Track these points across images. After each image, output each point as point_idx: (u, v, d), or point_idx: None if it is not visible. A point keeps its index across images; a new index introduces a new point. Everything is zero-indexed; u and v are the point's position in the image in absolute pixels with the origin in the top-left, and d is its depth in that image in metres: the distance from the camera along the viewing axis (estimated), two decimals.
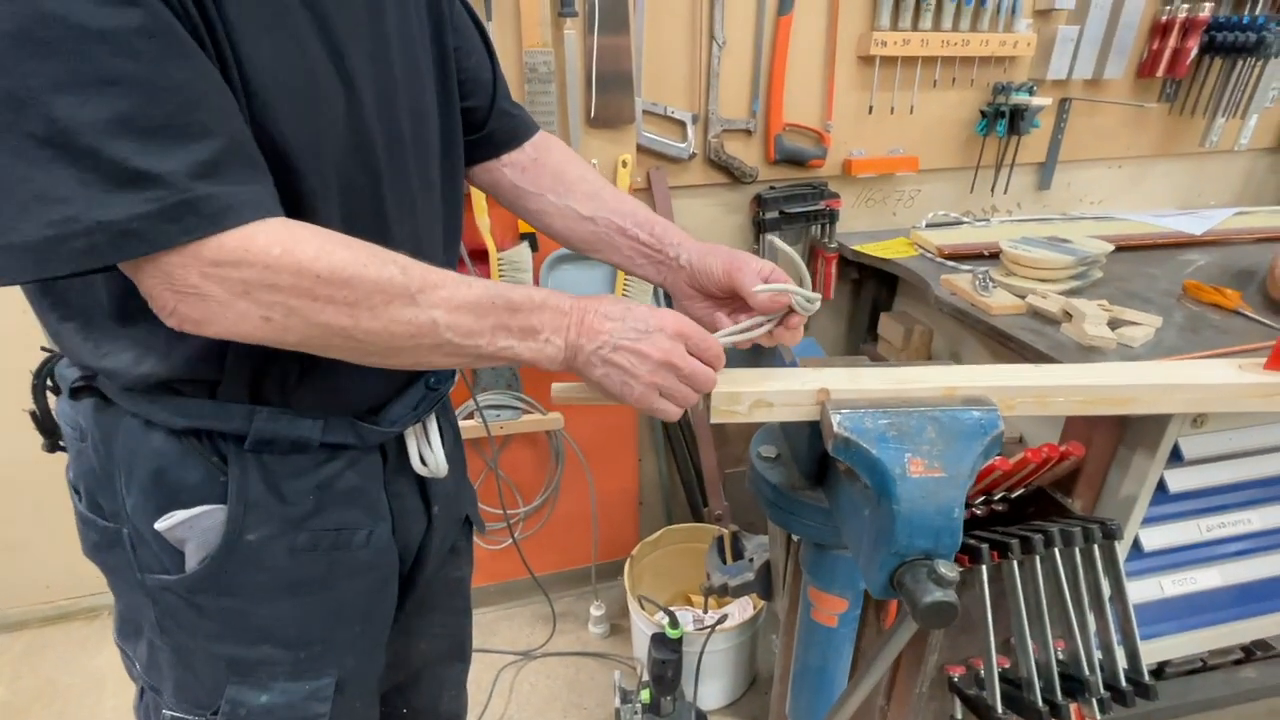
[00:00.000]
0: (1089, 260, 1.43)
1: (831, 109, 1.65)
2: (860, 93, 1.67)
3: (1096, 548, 0.89)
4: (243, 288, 0.49)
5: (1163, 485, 0.95)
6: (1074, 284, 1.42)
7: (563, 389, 0.70)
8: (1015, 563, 0.86)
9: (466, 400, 1.59)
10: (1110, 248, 1.48)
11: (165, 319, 0.51)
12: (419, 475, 0.77)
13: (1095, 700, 0.86)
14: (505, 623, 1.96)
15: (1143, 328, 1.21)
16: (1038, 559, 0.86)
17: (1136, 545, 1.00)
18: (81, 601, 1.95)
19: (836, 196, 1.72)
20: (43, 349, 0.70)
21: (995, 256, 1.55)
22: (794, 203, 1.69)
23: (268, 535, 0.65)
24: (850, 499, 0.66)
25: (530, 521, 1.87)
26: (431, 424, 0.77)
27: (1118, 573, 0.89)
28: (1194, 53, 1.78)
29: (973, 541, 0.86)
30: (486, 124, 0.81)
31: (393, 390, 0.73)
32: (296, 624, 0.70)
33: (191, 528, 0.64)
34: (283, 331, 0.52)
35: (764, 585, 1.10)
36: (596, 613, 1.88)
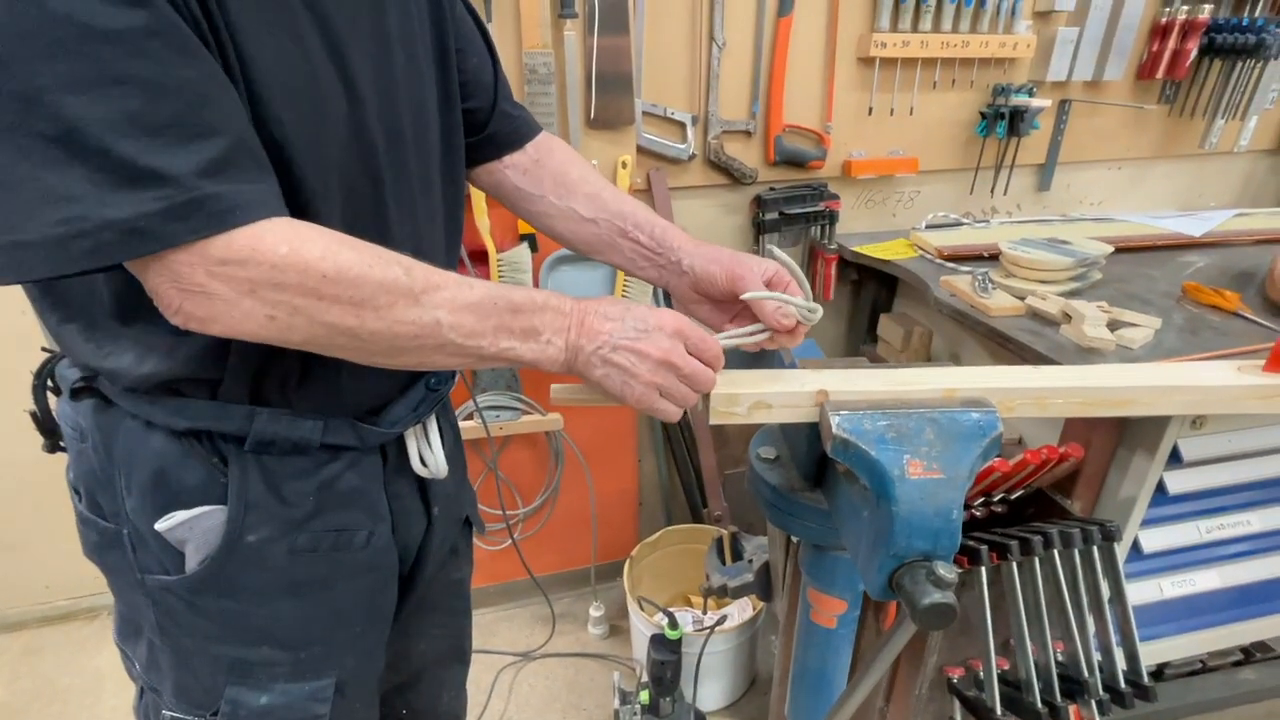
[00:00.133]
0: (1088, 262, 1.44)
1: (831, 110, 1.65)
2: (860, 94, 1.67)
3: (1096, 549, 0.89)
4: (248, 286, 0.49)
5: (1162, 487, 0.95)
6: (1073, 285, 1.42)
7: (562, 390, 0.70)
8: (1014, 564, 0.86)
9: (466, 401, 1.59)
10: (1110, 249, 1.49)
11: (170, 317, 0.51)
12: (419, 476, 0.77)
13: (1094, 702, 0.87)
14: (505, 623, 1.96)
15: (1142, 329, 1.21)
16: (1037, 560, 0.86)
17: (1136, 547, 1.00)
18: (81, 601, 1.95)
19: (836, 198, 1.72)
20: (44, 349, 0.70)
21: (995, 258, 1.55)
22: (794, 204, 1.69)
23: (268, 536, 0.66)
24: (849, 500, 0.66)
25: (530, 522, 1.87)
26: (432, 425, 0.77)
27: (1117, 574, 0.89)
28: (1194, 54, 1.78)
29: (972, 543, 0.86)
30: (488, 125, 0.81)
31: (393, 391, 0.73)
32: (296, 625, 0.70)
33: (191, 528, 0.64)
34: (287, 330, 0.52)
35: (763, 586, 1.10)
36: (596, 614, 1.89)
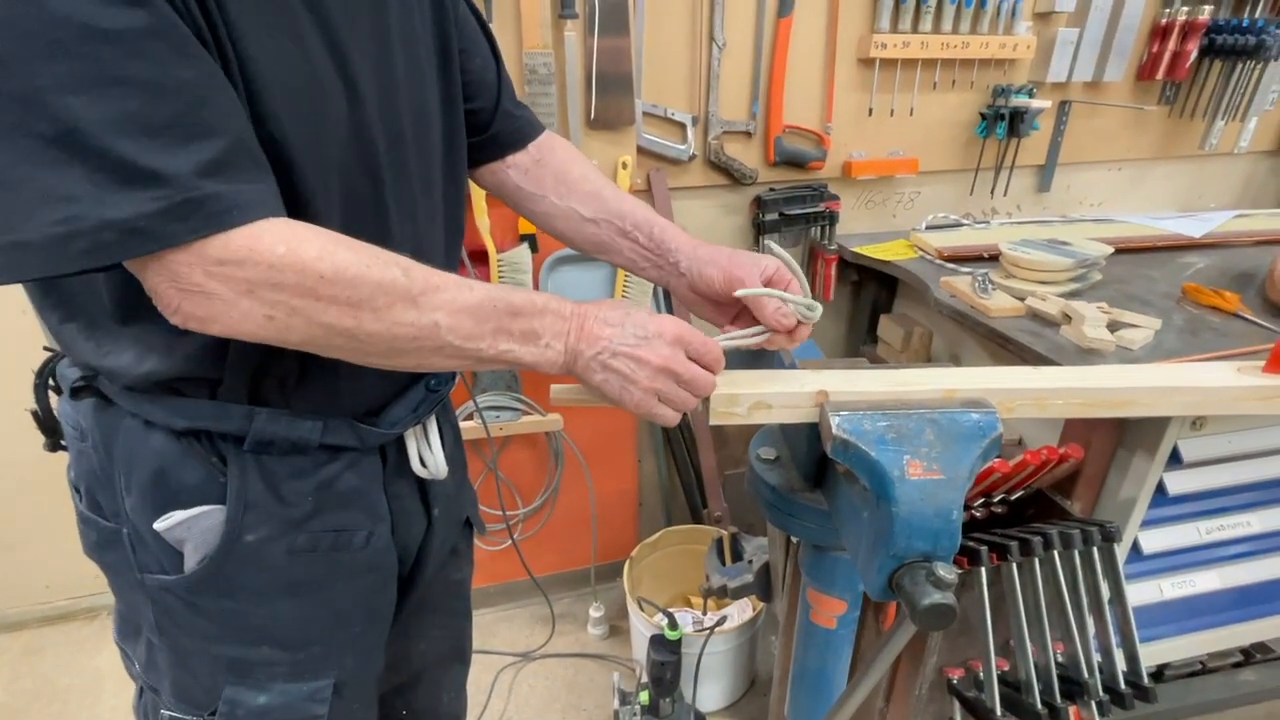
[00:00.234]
0: (1088, 263, 1.44)
1: (831, 111, 1.65)
2: (860, 95, 1.67)
3: (1095, 550, 0.89)
4: (247, 286, 0.49)
5: (1162, 488, 0.95)
6: (1073, 286, 1.42)
7: (562, 390, 0.70)
8: (1014, 565, 0.86)
9: (466, 401, 1.59)
10: (1109, 250, 1.49)
11: (169, 317, 0.51)
12: (419, 477, 0.77)
13: (1094, 703, 0.87)
14: (504, 624, 1.96)
15: (1142, 330, 1.21)
16: (1037, 561, 0.86)
17: (1135, 548, 1.00)
18: (81, 601, 1.95)
19: (836, 198, 1.72)
20: (45, 349, 0.70)
21: (995, 259, 1.56)
22: (794, 204, 1.69)
23: (266, 536, 0.66)
24: (849, 501, 0.66)
25: (530, 523, 1.87)
26: (431, 426, 0.77)
27: (1117, 575, 0.89)
28: (1194, 55, 1.78)
29: (972, 544, 0.86)
30: (491, 125, 0.81)
31: (393, 392, 0.73)
32: (295, 625, 0.70)
33: (190, 528, 0.64)
34: (285, 331, 0.52)
35: (763, 587, 1.10)
36: (596, 614, 1.88)
